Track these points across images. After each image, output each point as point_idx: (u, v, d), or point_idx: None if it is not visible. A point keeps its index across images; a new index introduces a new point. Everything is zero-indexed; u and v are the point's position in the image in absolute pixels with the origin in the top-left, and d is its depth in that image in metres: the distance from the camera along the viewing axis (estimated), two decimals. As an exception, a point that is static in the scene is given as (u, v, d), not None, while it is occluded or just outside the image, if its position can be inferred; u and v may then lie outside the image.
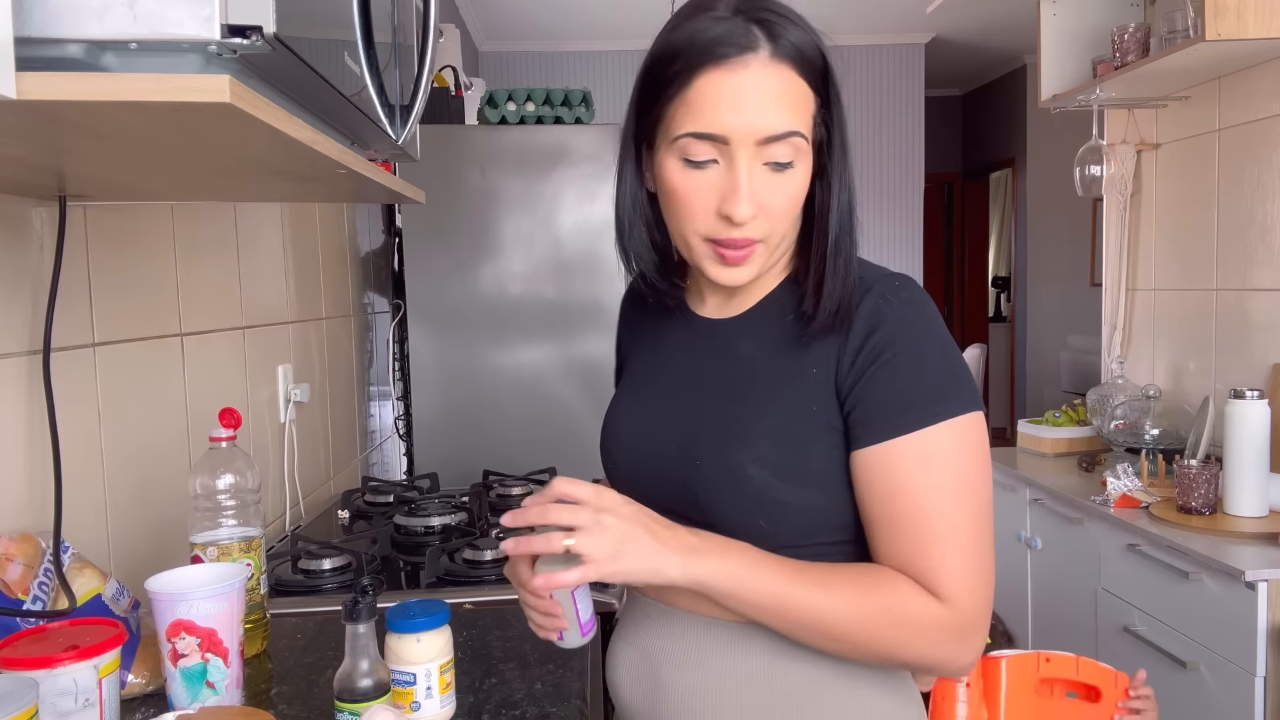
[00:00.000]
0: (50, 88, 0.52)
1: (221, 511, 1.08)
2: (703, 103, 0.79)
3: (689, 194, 0.83)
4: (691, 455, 0.86)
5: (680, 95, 0.81)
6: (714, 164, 0.81)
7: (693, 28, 0.80)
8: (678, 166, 0.82)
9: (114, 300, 1.19)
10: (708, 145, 0.80)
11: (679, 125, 0.81)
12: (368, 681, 0.84)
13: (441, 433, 2.47)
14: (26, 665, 0.75)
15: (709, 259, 0.85)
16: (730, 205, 0.80)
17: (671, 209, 0.86)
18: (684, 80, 0.80)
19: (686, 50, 0.80)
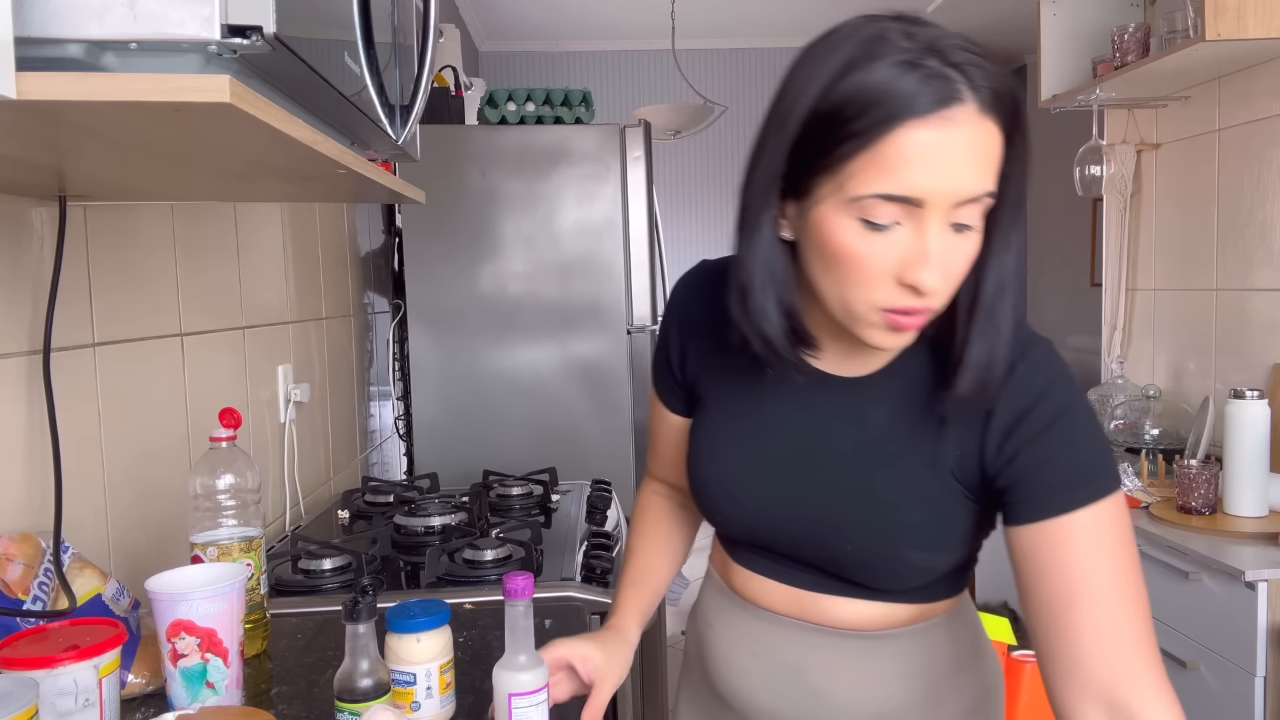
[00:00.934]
0: (50, 88, 0.52)
1: (221, 511, 1.08)
2: (900, 161, 0.69)
3: (867, 259, 0.73)
4: (840, 540, 0.87)
5: (870, 150, 0.70)
6: (897, 226, 0.72)
7: (885, 72, 0.70)
8: (855, 228, 0.73)
9: (114, 300, 1.19)
10: (896, 207, 0.71)
11: (865, 184, 0.71)
12: (368, 681, 0.84)
13: (441, 433, 2.47)
14: (26, 665, 0.75)
15: (877, 327, 0.77)
16: (917, 274, 0.72)
17: (839, 274, 0.76)
18: (876, 134, 0.69)
19: (881, 98, 0.69)
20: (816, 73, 0.73)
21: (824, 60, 0.73)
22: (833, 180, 0.73)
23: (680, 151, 5.82)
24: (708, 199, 5.87)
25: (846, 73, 0.71)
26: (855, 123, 0.70)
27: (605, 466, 2.42)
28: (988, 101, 0.71)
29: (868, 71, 0.70)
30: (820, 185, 0.74)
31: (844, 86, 0.71)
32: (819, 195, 0.74)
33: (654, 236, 2.56)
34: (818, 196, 0.75)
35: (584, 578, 1.37)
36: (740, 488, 0.91)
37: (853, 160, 0.71)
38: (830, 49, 0.74)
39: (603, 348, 2.46)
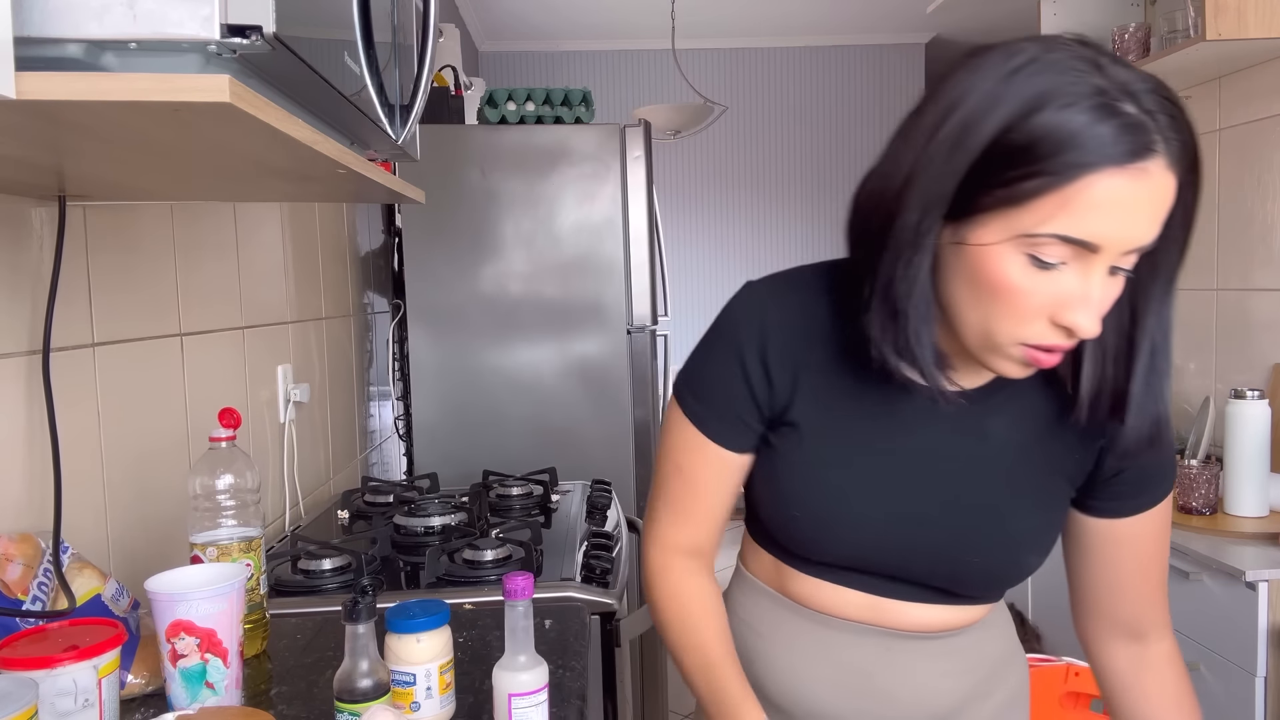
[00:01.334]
0: (50, 87, 0.52)
1: (221, 512, 1.08)
2: (1087, 207, 0.68)
3: (1026, 295, 0.72)
4: (965, 557, 0.89)
5: (1057, 191, 0.68)
6: (1064, 266, 0.71)
7: (1083, 116, 0.67)
8: (1020, 263, 0.71)
9: (114, 300, 1.19)
10: (1068, 249, 0.70)
11: (1044, 223, 0.69)
12: (367, 682, 0.84)
13: (441, 433, 2.47)
14: (26, 665, 0.75)
15: (1013, 360, 0.76)
16: (1074, 316, 0.71)
17: (990, 305, 0.74)
18: (1068, 177, 0.67)
19: (1077, 143, 0.67)
20: (1003, 96, 0.69)
21: (1011, 85, 0.69)
22: (1007, 211, 0.70)
23: (680, 151, 5.82)
24: (708, 199, 5.87)
25: (1040, 107, 0.68)
26: (1047, 162, 0.68)
27: (605, 466, 2.41)
28: (1175, 154, 0.69)
29: (1065, 111, 0.67)
30: (990, 213, 0.71)
31: (1039, 122, 0.68)
32: (985, 222, 0.72)
33: (654, 236, 2.56)
34: (983, 223, 0.72)
35: (584, 578, 1.37)
36: (856, 516, 0.88)
37: (1036, 197, 0.68)
38: (1017, 73, 0.70)
39: (603, 348, 2.46)
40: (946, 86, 0.74)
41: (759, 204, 5.88)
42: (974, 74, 0.72)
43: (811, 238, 5.91)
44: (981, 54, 0.73)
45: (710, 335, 0.92)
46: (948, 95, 0.73)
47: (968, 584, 0.91)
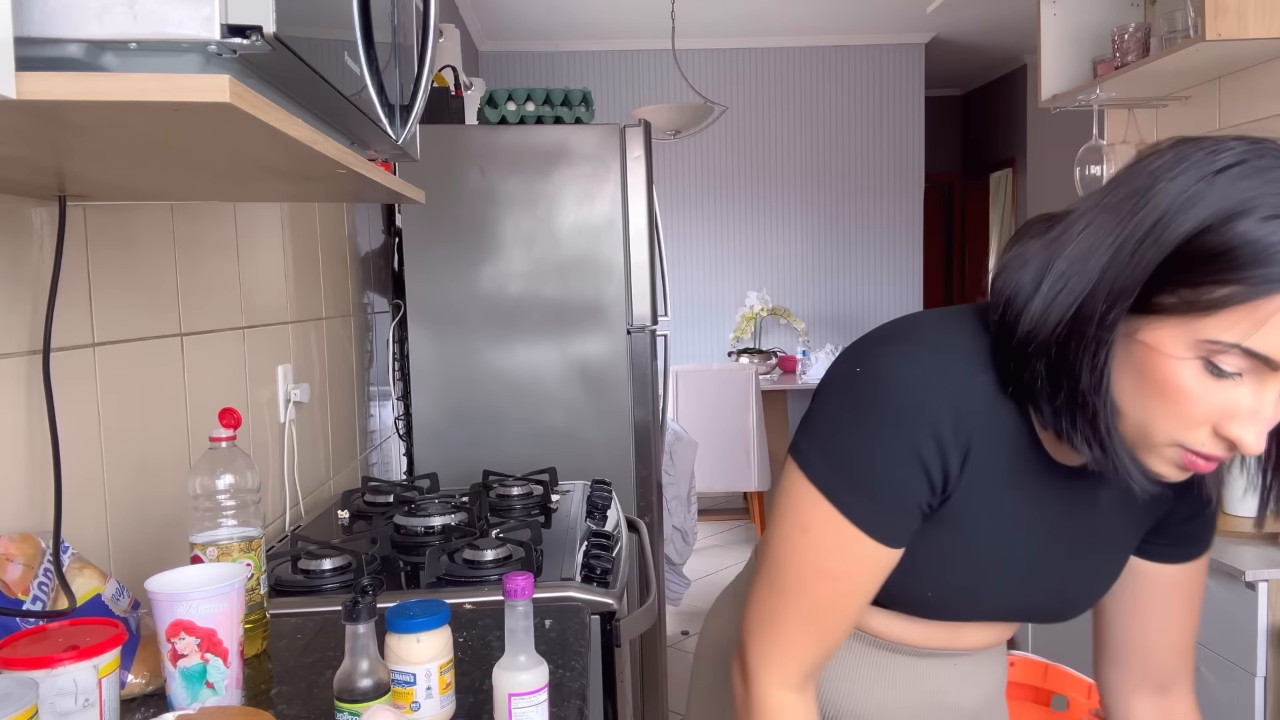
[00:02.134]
0: (50, 88, 0.52)
1: (221, 511, 1.08)
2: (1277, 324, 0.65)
3: (1194, 400, 0.69)
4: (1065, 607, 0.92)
5: (1249, 303, 0.65)
6: (1238, 377, 0.68)
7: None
8: (1194, 368, 0.68)
9: (114, 300, 1.19)
10: (1248, 361, 0.67)
11: (1229, 331, 0.66)
12: (368, 681, 0.84)
13: (441, 433, 2.47)
14: (26, 665, 0.75)
15: (1169, 462, 0.74)
16: (1241, 430, 0.69)
17: (1153, 404, 0.71)
18: (1265, 291, 0.64)
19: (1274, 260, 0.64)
20: (1203, 196, 0.67)
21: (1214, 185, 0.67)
22: (1191, 315, 0.67)
23: (680, 151, 5.82)
24: (708, 199, 5.87)
25: (1242, 214, 0.65)
26: (1241, 272, 0.65)
27: (605, 466, 2.42)
28: None
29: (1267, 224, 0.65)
30: (1170, 310, 0.68)
31: (1239, 231, 0.65)
32: (1164, 322, 0.69)
33: (654, 236, 2.56)
34: (1162, 323, 0.69)
35: (584, 578, 1.37)
36: (986, 596, 0.89)
37: (1224, 307, 0.66)
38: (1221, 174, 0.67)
39: (603, 348, 2.46)
40: (1145, 173, 0.71)
41: (759, 204, 5.89)
42: (1176, 166, 0.69)
43: (811, 238, 5.91)
44: (1186, 146, 0.70)
45: (870, 416, 0.78)
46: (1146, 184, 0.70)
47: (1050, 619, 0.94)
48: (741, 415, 4.53)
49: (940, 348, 0.80)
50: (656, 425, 2.59)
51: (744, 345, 5.75)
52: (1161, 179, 0.69)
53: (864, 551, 0.80)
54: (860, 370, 0.80)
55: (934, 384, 0.77)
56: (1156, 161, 0.71)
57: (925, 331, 0.82)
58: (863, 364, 0.80)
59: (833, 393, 0.82)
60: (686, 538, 3.65)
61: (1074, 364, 0.72)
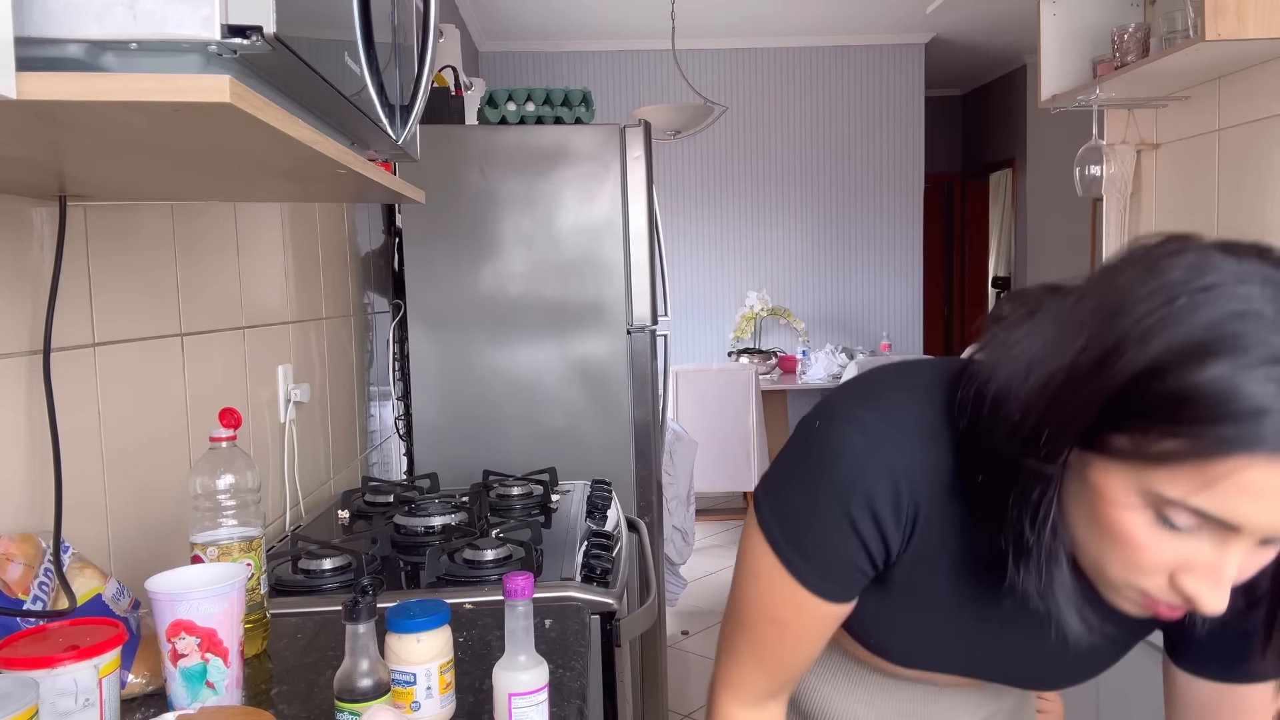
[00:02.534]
0: (50, 88, 0.52)
1: (221, 511, 1.08)
2: (1233, 488, 0.57)
3: (1144, 551, 0.62)
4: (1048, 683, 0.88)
5: (1201, 463, 0.57)
6: (1195, 530, 0.61)
7: (1251, 386, 0.55)
8: (1144, 518, 0.61)
9: (114, 300, 1.19)
10: (1205, 521, 0.60)
11: (1178, 489, 0.59)
12: (368, 681, 0.84)
13: (441, 433, 2.47)
14: (26, 665, 0.75)
15: (1131, 602, 0.67)
16: (1198, 590, 0.62)
17: (1103, 547, 0.65)
18: (1220, 451, 0.56)
19: (1235, 416, 0.55)
20: (1163, 324, 0.58)
21: (1181, 312, 0.58)
22: (1139, 465, 0.60)
23: (680, 151, 5.82)
24: (708, 199, 5.87)
25: (1201, 354, 0.56)
26: (1197, 427, 0.56)
27: (605, 466, 2.42)
28: None
29: (1228, 369, 0.56)
30: (1120, 454, 0.60)
31: (1199, 378, 0.56)
32: (1112, 466, 0.61)
33: (654, 236, 2.56)
34: (1110, 466, 0.61)
35: (584, 578, 1.37)
36: (936, 656, 0.85)
37: (1175, 460, 0.58)
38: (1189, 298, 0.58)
39: (603, 348, 2.46)
40: (1116, 287, 0.62)
41: (759, 204, 5.89)
42: (1146, 282, 0.60)
43: (811, 238, 5.91)
44: (1166, 256, 0.62)
45: (813, 478, 0.76)
46: (1113, 301, 0.61)
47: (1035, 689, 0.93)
48: (741, 415, 4.53)
49: (899, 421, 0.75)
50: (656, 425, 2.59)
51: (744, 345, 5.75)
52: (1128, 298, 0.60)
53: (807, 604, 0.79)
54: (818, 427, 0.77)
55: (879, 459, 0.73)
56: (1130, 272, 0.62)
57: (890, 399, 0.77)
58: (822, 421, 0.77)
59: (793, 443, 0.79)
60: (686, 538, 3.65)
61: (1020, 493, 0.66)
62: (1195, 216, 2.52)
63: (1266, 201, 2.26)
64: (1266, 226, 2.25)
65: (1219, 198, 2.43)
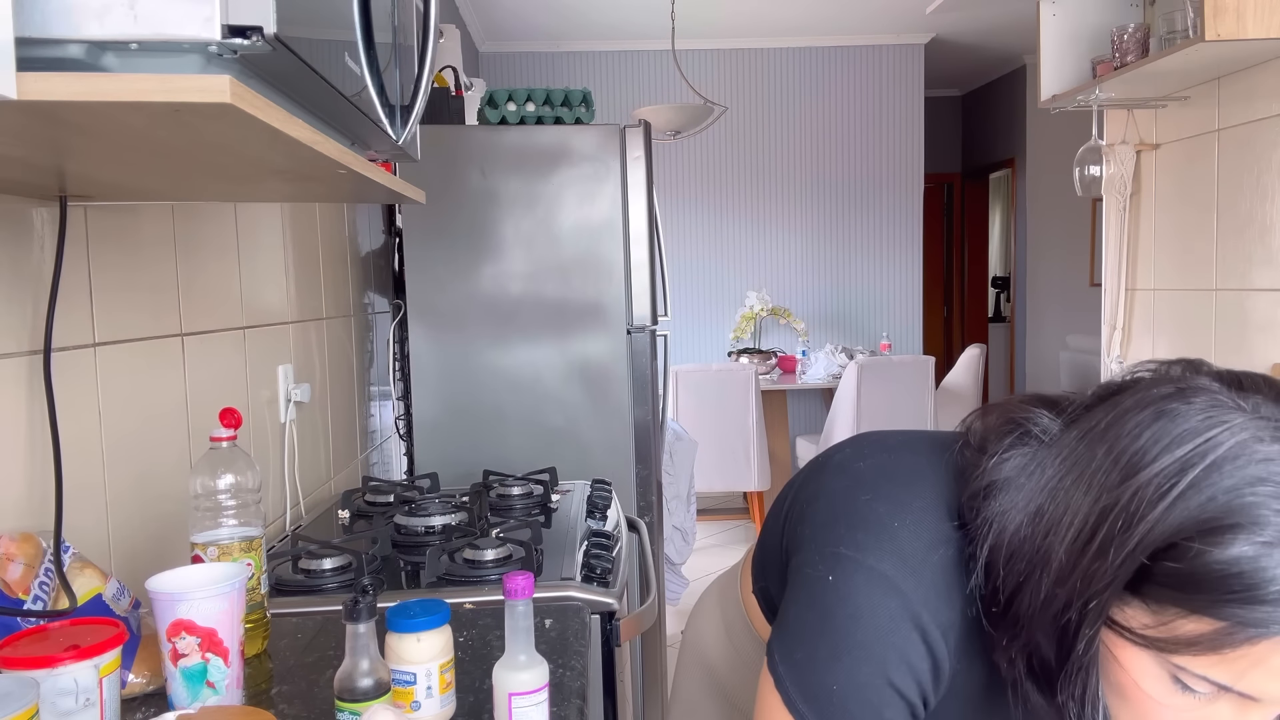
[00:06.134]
0: (51, 88, 0.52)
1: (222, 511, 1.08)
2: (1257, 670, 0.56)
3: (1163, 712, 0.61)
4: None
5: (1220, 644, 0.56)
6: (1213, 696, 0.59)
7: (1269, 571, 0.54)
8: (1163, 682, 0.60)
9: (114, 300, 1.19)
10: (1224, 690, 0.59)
11: (1197, 665, 0.58)
12: (368, 681, 0.84)
13: (441, 433, 2.47)
14: (27, 665, 0.75)
15: None
16: None
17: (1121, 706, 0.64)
18: (1241, 636, 0.55)
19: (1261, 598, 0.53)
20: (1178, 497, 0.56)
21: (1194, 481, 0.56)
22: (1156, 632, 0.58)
23: (680, 151, 5.82)
24: (708, 199, 5.88)
25: (1221, 530, 0.54)
26: (1217, 607, 0.55)
27: (605, 466, 2.42)
28: None
29: (1250, 549, 0.54)
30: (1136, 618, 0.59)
31: (1214, 556, 0.54)
32: (1128, 626, 0.60)
33: (654, 236, 2.56)
34: (1126, 626, 0.60)
35: (584, 577, 1.37)
36: None
37: (1194, 641, 0.56)
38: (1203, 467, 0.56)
39: (603, 348, 2.46)
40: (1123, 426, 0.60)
41: (759, 204, 5.89)
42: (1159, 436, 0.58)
43: (811, 238, 5.91)
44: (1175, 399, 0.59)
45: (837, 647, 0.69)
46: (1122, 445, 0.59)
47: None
48: (741, 415, 4.54)
49: (924, 572, 0.69)
50: (656, 425, 2.59)
51: (744, 345, 5.75)
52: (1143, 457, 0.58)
53: None
54: (832, 580, 0.70)
55: (914, 620, 0.68)
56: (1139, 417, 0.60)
57: (904, 538, 0.70)
58: (837, 576, 0.70)
59: (806, 604, 0.72)
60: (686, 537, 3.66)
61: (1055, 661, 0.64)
62: (1194, 216, 2.52)
63: (1266, 201, 2.26)
64: (1266, 226, 2.25)
65: (1218, 198, 2.43)
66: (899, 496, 0.72)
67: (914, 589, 0.68)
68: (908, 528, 0.70)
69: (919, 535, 0.69)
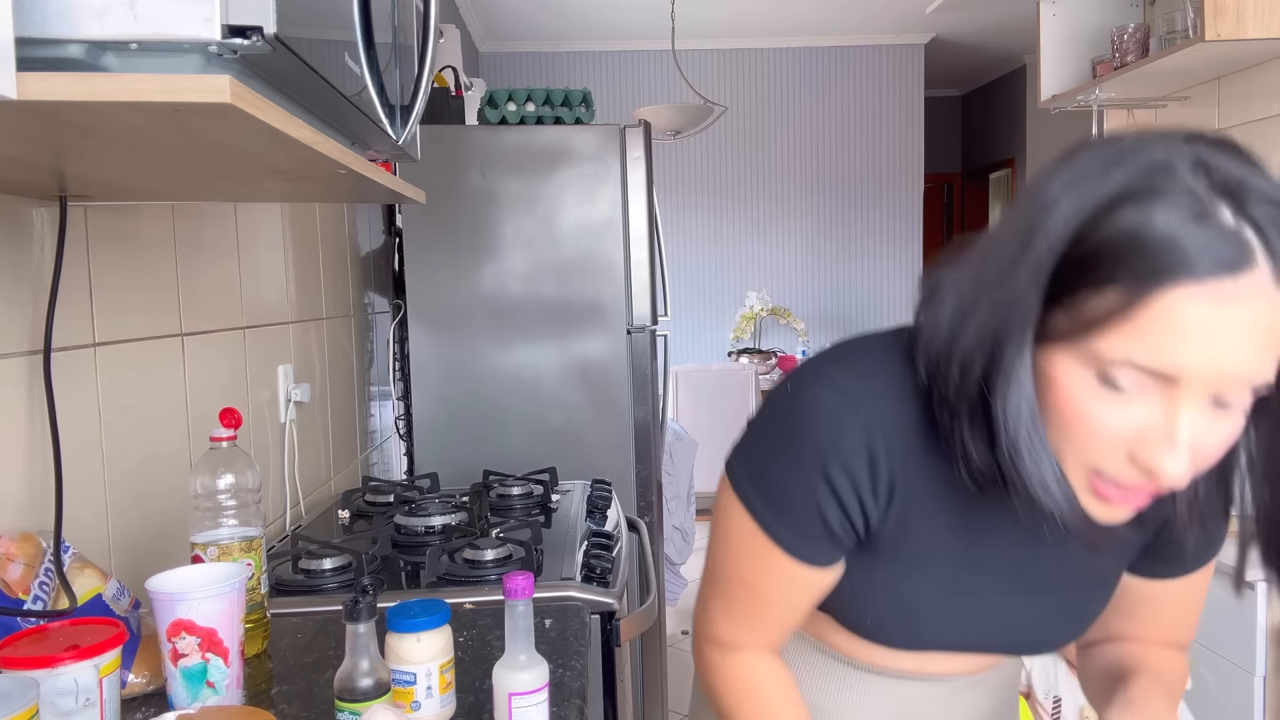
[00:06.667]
0: (51, 88, 0.52)
1: (222, 511, 1.08)
2: (1162, 329, 0.57)
3: (1099, 424, 0.62)
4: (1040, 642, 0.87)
5: (1129, 309, 0.58)
6: (1143, 392, 0.61)
7: (1162, 218, 0.57)
8: (1090, 385, 0.62)
9: (114, 300, 1.19)
10: (1147, 376, 0.60)
11: (1114, 346, 0.59)
12: (368, 681, 0.84)
13: (441, 433, 2.47)
14: (27, 665, 0.75)
15: (1086, 491, 0.66)
16: (1158, 456, 0.61)
17: (1061, 429, 0.65)
18: (1140, 291, 0.57)
19: (1151, 250, 0.57)
20: (1081, 194, 0.60)
21: (1092, 180, 0.60)
22: (1076, 326, 0.61)
23: (680, 151, 5.82)
24: (708, 199, 5.88)
25: (1116, 206, 0.58)
26: (1116, 269, 0.58)
27: (605, 466, 2.42)
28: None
29: (1142, 212, 0.57)
30: (1057, 324, 0.62)
31: (1110, 225, 0.58)
32: (1053, 334, 0.63)
33: (654, 236, 2.56)
34: (1051, 335, 0.63)
35: (584, 577, 1.37)
36: (934, 629, 0.82)
37: (1106, 314, 0.59)
38: (1103, 166, 0.60)
39: (603, 348, 2.46)
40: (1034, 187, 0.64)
41: (759, 204, 5.89)
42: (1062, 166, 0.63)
43: (811, 238, 5.91)
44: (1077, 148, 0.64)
45: (788, 440, 0.75)
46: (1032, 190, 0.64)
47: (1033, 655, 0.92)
48: (741, 415, 4.54)
49: (871, 377, 0.75)
50: (656, 425, 2.59)
51: (744, 345, 5.75)
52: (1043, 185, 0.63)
53: (783, 567, 0.77)
54: (791, 389, 0.77)
55: (855, 418, 0.73)
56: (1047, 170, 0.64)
57: (861, 358, 0.77)
58: (796, 384, 0.77)
59: (766, 408, 0.79)
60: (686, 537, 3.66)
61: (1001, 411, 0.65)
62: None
63: (1266, 201, 2.25)
64: (1266, 226, 2.26)
65: (1219, 198, 2.43)
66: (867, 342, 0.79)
67: (861, 391, 0.74)
68: (871, 356, 0.77)
69: (880, 360, 0.76)
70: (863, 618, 0.83)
